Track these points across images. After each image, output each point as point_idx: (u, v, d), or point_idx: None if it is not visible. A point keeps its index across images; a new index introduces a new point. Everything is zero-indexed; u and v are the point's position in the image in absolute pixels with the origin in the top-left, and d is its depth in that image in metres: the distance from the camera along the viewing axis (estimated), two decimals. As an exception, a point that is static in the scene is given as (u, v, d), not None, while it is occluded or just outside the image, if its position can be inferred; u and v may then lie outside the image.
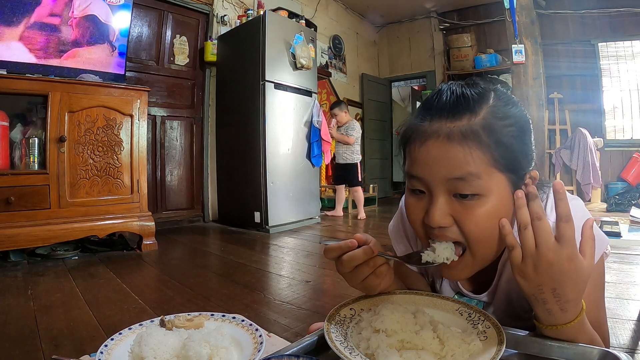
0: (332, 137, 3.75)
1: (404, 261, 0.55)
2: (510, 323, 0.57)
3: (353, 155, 3.90)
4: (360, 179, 3.95)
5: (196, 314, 0.62)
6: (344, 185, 4.06)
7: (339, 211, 4.14)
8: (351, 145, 3.89)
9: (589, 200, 4.24)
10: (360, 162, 3.98)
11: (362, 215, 3.96)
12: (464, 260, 0.52)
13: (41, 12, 2.16)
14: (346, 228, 3.55)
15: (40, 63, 2.19)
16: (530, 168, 0.53)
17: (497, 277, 0.59)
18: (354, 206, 4.44)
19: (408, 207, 0.55)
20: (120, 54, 2.52)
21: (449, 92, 0.52)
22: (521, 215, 0.45)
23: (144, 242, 2.44)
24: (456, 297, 0.64)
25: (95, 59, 2.41)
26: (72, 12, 2.28)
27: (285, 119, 3.37)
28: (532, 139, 0.54)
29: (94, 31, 2.38)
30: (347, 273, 0.52)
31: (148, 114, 2.62)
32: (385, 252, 0.53)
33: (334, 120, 3.84)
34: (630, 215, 3.08)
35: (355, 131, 3.85)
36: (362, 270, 0.52)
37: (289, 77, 3.40)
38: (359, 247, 0.51)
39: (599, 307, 0.55)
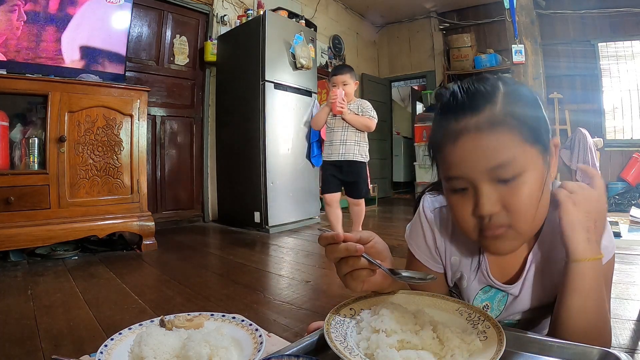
0: (343, 117, 2.41)
1: (388, 272, 0.54)
2: (534, 313, 0.65)
3: (363, 148, 2.50)
4: (370, 187, 2.66)
5: (196, 314, 0.62)
6: (338, 195, 2.57)
7: None
8: (368, 132, 2.54)
9: (589, 200, 4.23)
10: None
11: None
12: (509, 234, 0.54)
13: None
14: (346, 229, 3.55)
15: (41, 63, 2.19)
16: (552, 137, 0.57)
17: (527, 269, 0.62)
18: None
19: (454, 206, 0.56)
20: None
21: (462, 91, 0.54)
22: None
23: (144, 242, 2.43)
24: (485, 289, 0.66)
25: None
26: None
27: (285, 119, 3.37)
28: (544, 110, 0.57)
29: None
30: (335, 264, 0.54)
31: (148, 114, 2.63)
32: (373, 259, 0.53)
33: (340, 91, 2.41)
34: (630, 215, 3.08)
35: (375, 113, 2.50)
36: (342, 265, 0.53)
37: (289, 77, 3.40)
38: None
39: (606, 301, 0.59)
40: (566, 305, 0.54)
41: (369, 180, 2.59)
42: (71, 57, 2.32)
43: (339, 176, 2.51)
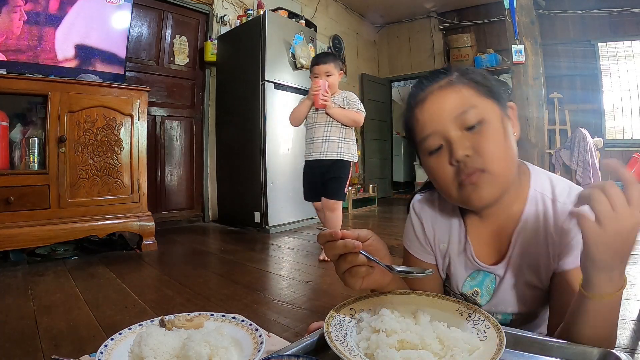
0: (327, 111, 2.15)
1: (386, 268, 0.55)
2: (518, 297, 0.64)
3: (349, 146, 2.23)
4: (345, 190, 2.25)
5: (196, 314, 0.62)
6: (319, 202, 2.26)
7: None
8: (356, 127, 2.36)
9: (589, 200, 4.23)
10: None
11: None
12: (484, 178, 0.57)
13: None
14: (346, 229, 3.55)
15: (41, 63, 2.19)
16: (507, 102, 0.63)
17: (511, 248, 0.63)
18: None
19: (433, 168, 0.61)
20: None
21: (425, 76, 0.64)
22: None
23: (144, 242, 2.43)
24: (473, 275, 0.68)
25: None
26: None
27: (285, 119, 3.35)
28: (499, 78, 0.60)
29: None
30: (334, 262, 0.55)
31: (148, 114, 2.63)
32: (371, 256, 0.53)
33: (323, 82, 2.13)
34: (630, 215, 3.08)
35: (363, 107, 2.26)
36: (341, 263, 0.53)
37: (289, 77, 3.40)
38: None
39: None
40: (575, 332, 0.50)
41: (348, 182, 2.24)
42: (71, 57, 2.32)
43: (320, 178, 2.20)
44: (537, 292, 0.64)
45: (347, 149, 2.22)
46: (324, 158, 2.18)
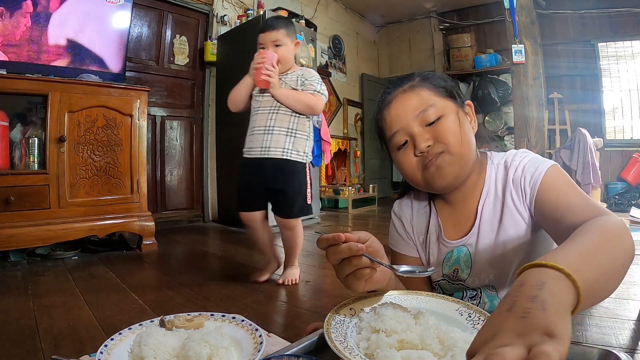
0: (271, 92, 1.64)
1: (389, 268, 0.57)
2: (495, 259, 0.69)
3: (299, 141, 1.69)
4: (310, 201, 1.78)
5: (196, 314, 0.62)
6: (262, 213, 1.76)
7: (270, 271, 1.85)
8: (309, 117, 1.72)
9: (589, 200, 4.23)
10: (310, 165, 1.79)
11: (292, 275, 1.78)
12: (445, 158, 0.65)
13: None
14: (346, 229, 3.55)
15: (41, 63, 2.19)
16: (465, 101, 0.72)
17: (477, 218, 0.70)
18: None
19: (400, 162, 0.69)
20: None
21: (392, 81, 0.73)
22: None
23: (144, 242, 2.43)
24: (447, 256, 0.74)
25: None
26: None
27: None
28: (458, 84, 0.63)
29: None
30: (335, 266, 0.55)
31: (148, 114, 2.63)
32: (374, 257, 0.54)
33: (270, 53, 1.63)
34: (630, 215, 3.08)
35: (324, 88, 1.72)
36: (344, 266, 0.54)
37: (289, 77, 3.39)
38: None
39: (583, 198, 0.59)
40: None
41: (309, 190, 1.74)
42: (71, 57, 2.32)
43: (260, 183, 1.66)
44: (515, 243, 0.68)
45: (297, 146, 1.66)
46: (265, 157, 1.63)
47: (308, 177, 1.75)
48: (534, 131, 3.58)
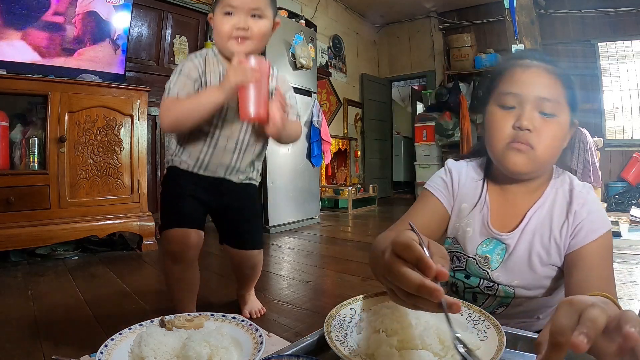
0: (268, 132, 1.09)
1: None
2: (525, 269, 0.70)
3: (260, 163, 1.37)
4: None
5: (196, 314, 0.62)
6: (201, 234, 1.27)
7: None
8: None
9: (589, 200, 4.23)
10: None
11: (258, 305, 1.51)
12: (529, 152, 0.66)
13: (46, 11, 2.17)
14: (346, 228, 3.55)
15: (41, 63, 2.19)
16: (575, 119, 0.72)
17: (525, 221, 0.71)
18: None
19: (498, 119, 0.69)
20: (123, 52, 2.52)
21: (544, 53, 0.74)
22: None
23: (144, 242, 2.43)
24: (486, 241, 0.74)
25: (100, 57, 2.41)
26: (76, 9, 2.28)
27: (285, 119, 3.35)
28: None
29: (96, 29, 2.38)
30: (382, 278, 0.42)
31: (148, 114, 2.62)
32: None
33: (264, 64, 1.03)
34: (631, 215, 3.08)
35: (293, 100, 1.28)
36: (408, 300, 0.40)
37: (289, 77, 3.39)
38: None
39: (609, 280, 0.63)
40: None
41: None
42: (71, 57, 2.32)
43: (207, 202, 1.26)
44: (545, 269, 0.70)
45: (259, 167, 1.36)
46: (227, 178, 1.24)
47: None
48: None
